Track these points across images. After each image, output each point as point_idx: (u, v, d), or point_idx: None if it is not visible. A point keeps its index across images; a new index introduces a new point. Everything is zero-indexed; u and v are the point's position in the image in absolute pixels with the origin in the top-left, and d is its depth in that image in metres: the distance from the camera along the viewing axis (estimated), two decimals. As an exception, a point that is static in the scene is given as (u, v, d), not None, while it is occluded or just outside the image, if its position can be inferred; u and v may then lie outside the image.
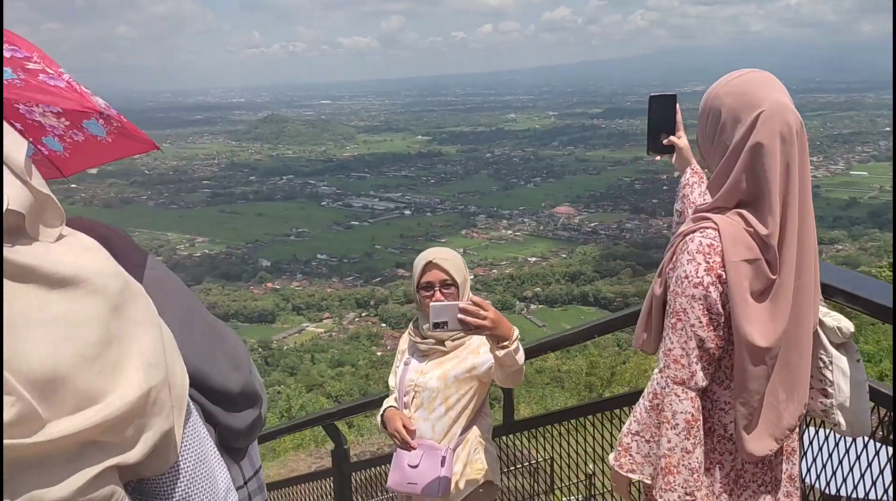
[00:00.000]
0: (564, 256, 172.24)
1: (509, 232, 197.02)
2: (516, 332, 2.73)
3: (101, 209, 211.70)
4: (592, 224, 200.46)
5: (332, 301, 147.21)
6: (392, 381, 3.68)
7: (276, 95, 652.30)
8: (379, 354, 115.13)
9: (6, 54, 2.61)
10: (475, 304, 2.63)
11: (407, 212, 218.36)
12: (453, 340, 3.38)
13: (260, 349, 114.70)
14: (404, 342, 3.66)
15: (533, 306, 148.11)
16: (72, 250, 0.98)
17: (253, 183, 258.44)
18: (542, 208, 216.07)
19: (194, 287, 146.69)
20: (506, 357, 2.75)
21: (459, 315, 2.61)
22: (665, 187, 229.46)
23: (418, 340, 3.50)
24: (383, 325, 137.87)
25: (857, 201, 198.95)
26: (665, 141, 3.27)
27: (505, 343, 2.72)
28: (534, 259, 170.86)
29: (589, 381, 19.71)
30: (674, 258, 2.20)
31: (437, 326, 2.65)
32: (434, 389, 3.40)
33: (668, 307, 2.18)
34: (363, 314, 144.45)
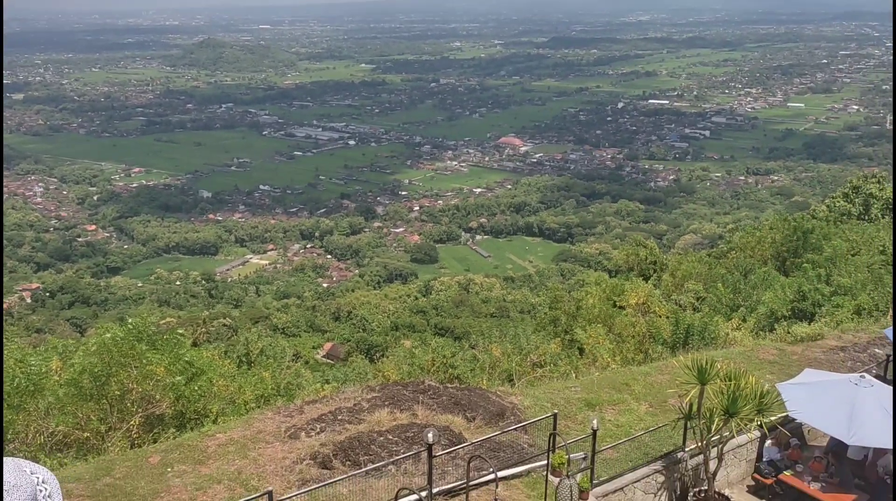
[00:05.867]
0: (510, 187, 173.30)
1: (454, 163, 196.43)
2: None
3: (30, 138, 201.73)
4: (538, 155, 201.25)
5: (276, 233, 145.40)
6: None
7: (213, 18, 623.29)
8: (325, 285, 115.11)
9: None
10: None
11: (351, 142, 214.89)
12: None
13: (203, 282, 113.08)
14: None
15: (478, 237, 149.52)
16: None
17: (190, 111, 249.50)
18: (488, 138, 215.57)
19: (132, 219, 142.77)
20: None
21: None
22: (609, 118, 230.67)
23: None
24: (329, 256, 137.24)
25: (794, 131, 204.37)
26: None
27: None
28: (479, 190, 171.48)
29: (554, 315, 19.52)
30: None
31: None
32: None
33: None
34: (308, 246, 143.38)
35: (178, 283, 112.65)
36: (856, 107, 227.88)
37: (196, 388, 11.66)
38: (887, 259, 23.68)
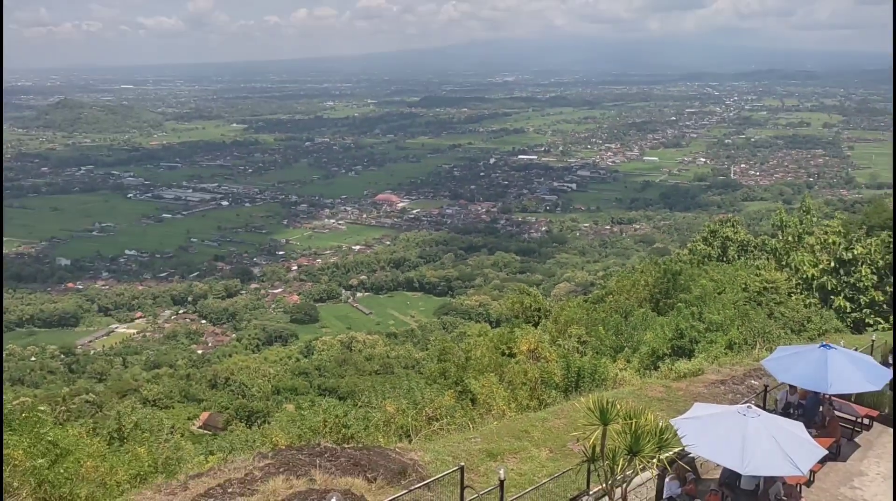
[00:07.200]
0: (388, 243, 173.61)
1: (332, 221, 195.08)
2: None
3: None
4: (415, 211, 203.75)
5: (144, 300, 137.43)
6: None
7: (70, 79, 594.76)
8: (200, 352, 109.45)
9: None
10: None
11: (224, 203, 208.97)
12: None
13: (62, 356, 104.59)
14: None
15: (359, 295, 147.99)
16: None
17: (45, 174, 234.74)
18: (365, 196, 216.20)
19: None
20: None
21: None
22: (482, 174, 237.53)
23: None
24: (203, 322, 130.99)
25: (651, 183, 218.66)
26: None
27: None
28: (358, 247, 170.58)
29: (443, 367, 19.20)
30: None
31: None
32: None
33: None
34: (181, 312, 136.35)
35: (32, 359, 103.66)
36: (703, 159, 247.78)
37: (62, 471, 10.39)
38: (750, 296, 25.31)
